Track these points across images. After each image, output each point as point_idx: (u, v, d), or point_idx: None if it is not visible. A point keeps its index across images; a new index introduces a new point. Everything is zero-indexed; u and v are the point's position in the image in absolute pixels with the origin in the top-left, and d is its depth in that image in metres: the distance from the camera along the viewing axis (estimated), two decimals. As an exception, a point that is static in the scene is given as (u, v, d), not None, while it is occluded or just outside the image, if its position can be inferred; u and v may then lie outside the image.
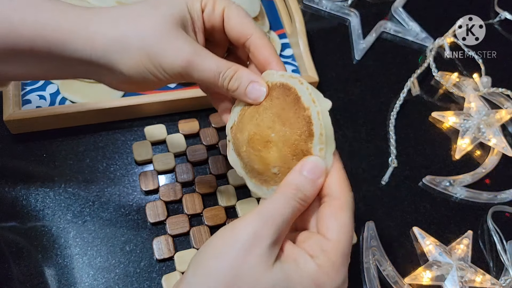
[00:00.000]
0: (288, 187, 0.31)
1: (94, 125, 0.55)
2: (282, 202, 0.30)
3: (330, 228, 0.31)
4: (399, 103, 0.64)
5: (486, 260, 0.55)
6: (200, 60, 0.33)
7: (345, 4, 0.73)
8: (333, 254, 0.30)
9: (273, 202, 0.30)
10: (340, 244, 0.30)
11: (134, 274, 0.48)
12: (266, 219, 0.29)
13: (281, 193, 0.31)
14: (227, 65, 0.34)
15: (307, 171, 0.31)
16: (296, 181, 0.31)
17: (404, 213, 0.57)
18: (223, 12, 0.35)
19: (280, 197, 0.30)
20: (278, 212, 0.29)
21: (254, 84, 0.34)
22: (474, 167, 0.62)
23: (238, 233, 0.29)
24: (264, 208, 0.30)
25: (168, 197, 0.51)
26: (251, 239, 0.28)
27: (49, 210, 0.50)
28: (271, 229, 0.29)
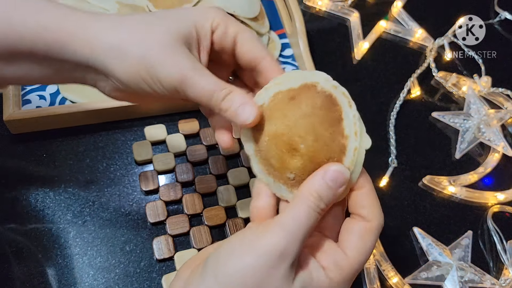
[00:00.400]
0: (310, 195, 0.30)
1: (94, 125, 0.55)
2: (305, 213, 0.29)
3: (354, 246, 0.31)
4: (399, 103, 0.64)
5: (486, 260, 0.55)
6: (196, 77, 0.32)
7: (345, 4, 0.73)
8: (347, 271, 0.30)
9: (296, 213, 0.29)
10: (357, 264, 0.31)
11: (134, 274, 0.48)
12: (291, 235, 0.28)
13: (303, 202, 0.30)
14: (222, 86, 0.33)
15: (329, 179, 0.30)
16: (318, 188, 0.30)
17: (404, 213, 0.57)
18: (235, 37, 0.35)
19: (302, 207, 0.30)
20: (302, 226, 0.29)
21: (245, 106, 0.33)
22: (474, 167, 0.62)
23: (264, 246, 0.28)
24: (288, 221, 0.29)
25: (168, 197, 0.51)
26: (277, 257, 0.28)
27: (49, 210, 0.50)
28: (295, 245, 0.28)
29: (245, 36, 0.35)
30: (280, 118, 0.32)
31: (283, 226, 0.29)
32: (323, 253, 0.31)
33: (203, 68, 0.33)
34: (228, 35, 0.35)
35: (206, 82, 0.32)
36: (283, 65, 0.63)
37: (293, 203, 0.30)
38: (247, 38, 0.35)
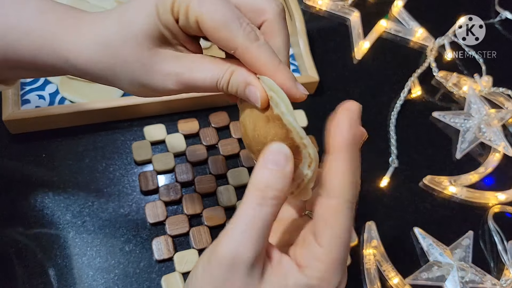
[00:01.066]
0: (254, 190, 0.26)
1: (93, 125, 0.55)
2: (251, 210, 0.26)
3: (323, 234, 0.26)
4: (400, 103, 0.64)
5: (487, 260, 0.55)
6: (192, 75, 0.30)
7: (345, 3, 0.73)
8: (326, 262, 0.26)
9: (242, 213, 0.26)
10: (334, 250, 0.26)
11: (134, 275, 0.48)
12: (240, 238, 0.25)
13: (248, 199, 0.26)
14: (222, 69, 0.30)
15: (271, 163, 0.27)
16: (260, 177, 0.26)
17: (404, 213, 0.57)
18: (197, 22, 0.29)
19: (248, 205, 0.26)
20: (251, 224, 0.26)
21: (250, 87, 0.29)
22: (475, 167, 0.61)
23: (214, 259, 0.26)
24: (235, 224, 0.26)
25: (167, 197, 0.51)
26: (228, 266, 0.25)
27: (48, 211, 0.49)
28: (247, 247, 0.25)
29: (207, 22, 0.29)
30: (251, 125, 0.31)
31: (232, 230, 0.26)
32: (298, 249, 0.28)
33: (193, 62, 0.31)
34: (190, 21, 0.29)
35: (202, 75, 0.30)
36: (283, 65, 0.63)
37: (240, 205, 0.27)
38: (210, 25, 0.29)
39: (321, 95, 0.63)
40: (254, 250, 0.25)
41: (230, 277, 0.25)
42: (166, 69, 0.31)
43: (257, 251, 0.26)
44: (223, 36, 0.29)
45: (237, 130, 0.57)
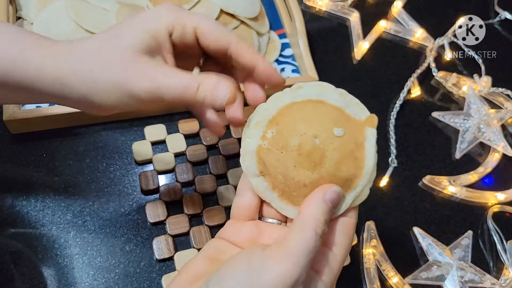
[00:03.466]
0: (315, 219, 0.29)
1: (94, 125, 0.55)
2: (312, 239, 0.28)
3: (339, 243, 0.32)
4: (399, 103, 0.64)
5: (486, 260, 0.55)
6: (165, 81, 0.33)
7: (345, 4, 0.73)
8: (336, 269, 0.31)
9: (303, 239, 0.28)
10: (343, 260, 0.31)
11: (134, 274, 0.48)
12: (302, 262, 0.28)
13: (310, 228, 0.29)
14: (193, 79, 0.33)
15: (330, 200, 0.31)
16: (322, 211, 0.30)
17: (404, 213, 0.57)
18: (195, 32, 0.34)
19: (310, 233, 0.29)
20: (310, 252, 0.28)
21: (218, 85, 0.33)
22: (474, 167, 0.61)
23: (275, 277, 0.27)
24: (297, 248, 0.28)
25: (168, 197, 0.51)
26: (289, 286, 0.27)
27: (49, 210, 0.50)
28: (305, 272, 0.28)
29: (205, 29, 0.34)
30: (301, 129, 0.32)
31: (293, 253, 0.28)
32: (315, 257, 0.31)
33: (169, 71, 0.33)
34: (186, 33, 0.34)
35: (175, 82, 0.33)
36: (283, 65, 0.63)
37: (299, 227, 0.29)
38: (207, 30, 0.34)
39: (321, 95, 0.63)
40: (307, 274, 0.28)
41: None
42: (143, 72, 0.33)
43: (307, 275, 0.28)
44: (218, 36, 0.34)
45: (237, 130, 0.57)
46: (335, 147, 0.32)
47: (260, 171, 0.33)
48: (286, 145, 0.32)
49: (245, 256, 0.29)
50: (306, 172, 0.32)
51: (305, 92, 0.33)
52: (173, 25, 0.34)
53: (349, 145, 0.32)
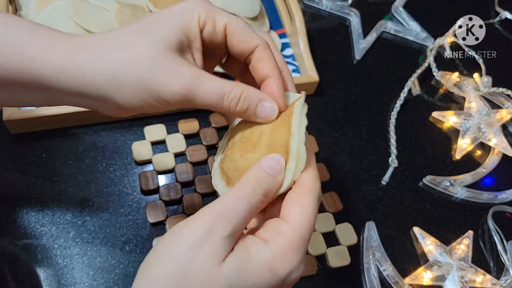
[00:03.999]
0: (247, 182, 0.29)
1: (93, 125, 0.55)
2: (237, 198, 0.29)
3: (292, 211, 0.30)
4: (400, 103, 0.64)
5: (486, 260, 0.55)
6: (201, 85, 0.31)
7: (345, 3, 0.73)
8: (290, 235, 0.29)
9: (228, 198, 0.29)
10: (300, 227, 0.29)
11: (134, 274, 0.48)
12: (218, 216, 0.28)
13: (238, 189, 0.29)
14: (231, 86, 0.31)
15: (267, 166, 0.30)
16: (256, 176, 0.30)
17: (404, 213, 0.57)
18: (225, 30, 0.33)
19: (236, 193, 0.29)
20: (232, 209, 0.28)
21: (264, 102, 0.32)
22: (475, 167, 0.61)
23: (188, 230, 0.28)
24: (217, 205, 0.29)
25: (168, 197, 0.51)
26: (200, 237, 0.27)
27: (49, 210, 0.50)
28: (223, 225, 0.27)
29: (235, 28, 0.33)
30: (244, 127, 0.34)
31: (210, 209, 0.28)
32: (264, 229, 0.30)
33: (204, 73, 0.31)
34: (217, 30, 0.32)
35: (212, 86, 0.31)
36: (283, 65, 0.63)
37: (228, 192, 0.30)
38: (237, 30, 0.33)
39: (321, 95, 0.63)
40: (229, 230, 0.27)
41: (197, 247, 0.27)
42: (177, 72, 0.30)
43: (229, 233, 0.27)
44: (247, 37, 0.33)
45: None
46: (270, 126, 0.33)
47: (225, 182, 0.33)
48: (233, 144, 0.34)
49: (172, 227, 0.29)
50: (250, 155, 0.32)
51: None
52: (205, 20, 0.32)
53: (282, 117, 0.33)
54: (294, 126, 0.31)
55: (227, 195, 0.29)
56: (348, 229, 0.53)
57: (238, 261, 0.28)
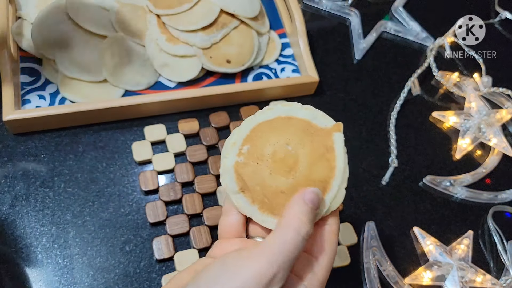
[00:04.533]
0: (295, 217, 0.29)
1: (94, 125, 0.55)
2: (292, 238, 0.28)
3: (323, 250, 0.32)
4: (400, 103, 0.64)
5: (486, 260, 0.55)
6: None
7: (345, 3, 0.73)
8: (322, 276, 0.31)
9: (283, 238, 0.28)
10: (328, 266, 0.32)
11: (134, 274, 0.48)
12: (280, 260, 0.27)
13: (289, 225, 0.29)
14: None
15: (308, 200, 0.30)
16: (301, 210, 0.30)
17: (404, 213, 0.57)
18: None
19: (289, 231, 0.28)
20: (290, 251, 0.28)
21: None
22: (475, 167, 0.61)
23: (249, 273, 0.27)
24: (275, 246, 0.28)
25: (168, 197, 0.51)
26: (265, 284, 0.27)
27: (49, 210, 0.50)
28: (283, 271, 0.27)
29: None
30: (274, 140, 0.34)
31: (270, 251, 0.27)
32: (298, 263, 0.31)
33: None
34: None
35: None
36: (283, 65, 0.63)
37: (280, 228, 0.29)
38: None
39: (321, 95, 0.63)
40: (286, 274, 0.28)
41: None
42: None
43: (287, 276, 0.28)
44: None
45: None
46: (306, 152, 0.34)
47: (240, 188, 0.34)
48: (261, 156, 0.34)
49: (221, 259, 0.29)
50: (282, 178, 0.33)
51: (274, 111, 0.36)
52: None
53: (319, 149, 0.34)
54: (338, 168, 0.33)
55: (281, 234, 0.28)
56: (348, 229, 0.53)
57: None
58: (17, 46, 0.56)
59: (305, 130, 0.34)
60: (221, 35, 0.59)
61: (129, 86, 0.56)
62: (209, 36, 0.58)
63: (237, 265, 0.27)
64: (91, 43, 0.55)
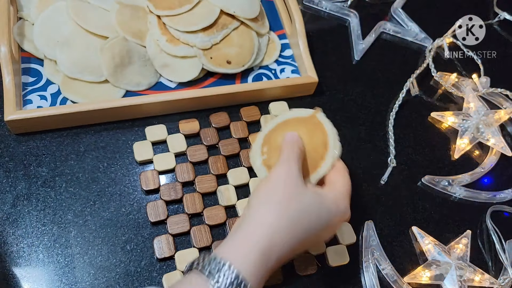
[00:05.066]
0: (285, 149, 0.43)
1: (95, 125, 0.56)
2: (290, 150, 0.43)
3: (336, 179, 0.44)
4: (398, 103, 0.65)
5: (485, 259, 0.55)
6: None
7: (345, 4, 0.73)
8: (341, 187, 0.43)
9: (283, 153, 0.43)
10: (345, 186, 0.44)
11: (135, 273, 0.48)
12: (287, 159, 0.42)
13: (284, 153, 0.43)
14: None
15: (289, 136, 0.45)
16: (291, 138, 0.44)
17: (403, 212, 0.57)
18: None
19: (286, 152, 0.43)
20: (292, 157, 0.42)
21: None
22: (473, 166, 0.62)
23: (273, 174, 0.42)
24: (282, 160, 0.42)
25: (168, 197, 0.51)
26: (284, 170, 0.41)
27: (50, 210, 0.50)
28: (295, 158, 0.42)
29: None
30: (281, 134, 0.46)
31: (283, 159, 0.42)
32: (325, 186, 0.44)
33: None
34: None
35: None
36: (283, 66, 0.64)
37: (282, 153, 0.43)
38: None
39: (320, 95, 0.64)
40: (298, 162, 0.42)
41: (286, 179, 0.41)
42: None
43: (298, 168, 0.42)
44: None
45: (237, 130, 0.57)
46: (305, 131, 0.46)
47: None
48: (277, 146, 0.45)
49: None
50: None
51: (272, 123, 0.49)
52: None
53: (311, 126, 0.47)
54: (328, 128, 0.46)
55: (283, 154, 0.43)
56: (347, 228, 0.54)
57: (315, 191, 0.42)
58: (19, 46, 0.56)
59: (298, 122, 0.48)
60: (221, 36, 0.59)
61: (130, 86, 0.57)
62: (210, 37, 0.58)
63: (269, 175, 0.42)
64: (92, 44, 0.55)
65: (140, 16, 0.58)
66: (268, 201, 0.40)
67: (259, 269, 0.37)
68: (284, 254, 0.39)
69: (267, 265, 0.37)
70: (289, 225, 0.39)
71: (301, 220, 0.39)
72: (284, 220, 0.39)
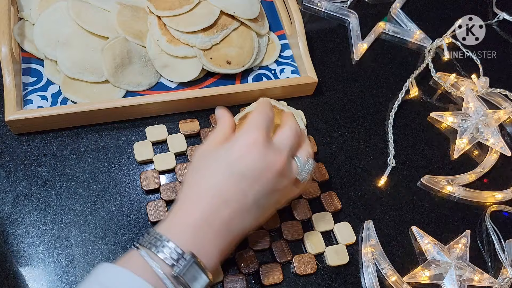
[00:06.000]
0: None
1: (95, 125, 0.56)
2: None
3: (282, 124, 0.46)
4: (398, 103, 0.65)
5: (484, 259, 0.56)
6: None
7: (344, 5, 0.74)
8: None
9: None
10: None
11: (135, 273, 0.48)
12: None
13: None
14: None
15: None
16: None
17: (402, 212, 0.57)
18: None
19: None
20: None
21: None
22: (472, 166, 0.62)
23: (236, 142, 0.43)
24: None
25: (169, 196, 0.51)
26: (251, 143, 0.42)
27: (51, 210, 0.50)
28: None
29: None
30: None
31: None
32: None
33: None
34: None
35: None
36: (283, 66, 0.64)
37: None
38: None
39: (319, 96, 0.64)
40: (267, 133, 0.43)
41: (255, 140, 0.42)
42: None
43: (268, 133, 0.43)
44: None
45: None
46: None
47: None
48: None
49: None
50: None
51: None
52: None
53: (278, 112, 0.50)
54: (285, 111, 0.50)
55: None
56: (346, 228, 0.54)
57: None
58: (19, 47, 0.57)
59: None
60: (221, 36, 0.59)
61: (130, 86, 0.57)
62: (210, 38, 0.58)
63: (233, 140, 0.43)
64: (92, 44, 0.56)
65: (140, 17, 0.59)
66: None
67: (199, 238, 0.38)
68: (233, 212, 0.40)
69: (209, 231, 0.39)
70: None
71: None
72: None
